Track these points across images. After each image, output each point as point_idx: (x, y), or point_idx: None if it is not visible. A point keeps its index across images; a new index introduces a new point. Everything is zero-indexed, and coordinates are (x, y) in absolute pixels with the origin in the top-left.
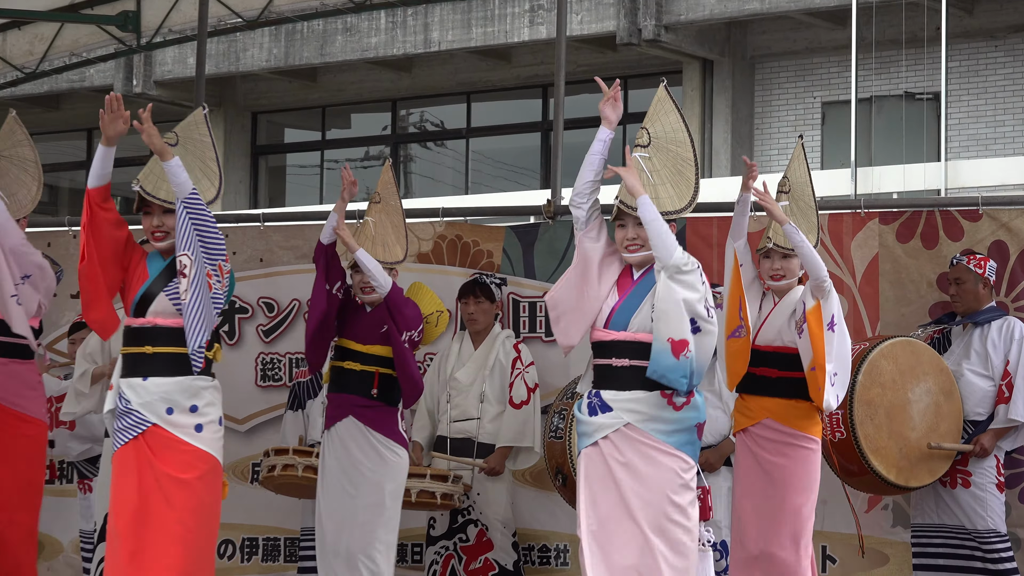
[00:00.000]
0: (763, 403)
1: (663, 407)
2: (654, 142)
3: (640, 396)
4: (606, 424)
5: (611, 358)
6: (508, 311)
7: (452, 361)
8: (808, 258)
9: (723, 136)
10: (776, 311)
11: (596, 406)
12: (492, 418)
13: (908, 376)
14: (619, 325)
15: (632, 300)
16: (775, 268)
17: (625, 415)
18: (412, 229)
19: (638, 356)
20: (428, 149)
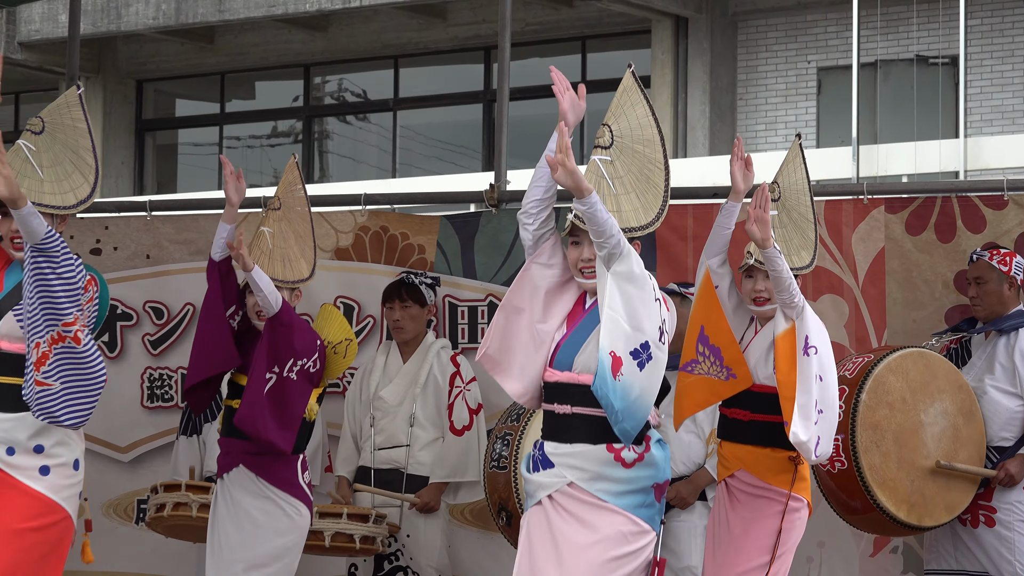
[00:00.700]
0: (736, 451)
1: (609, 464)
2: (617, 142)
3: (582, 450)
4: (547, 483)
5: (553, 403)
6: (443, 317)
7: (376, 377)
8: (782, 283)
9: (700, 108)
10: (755, 342)
11: (538, 461)
12: (424, 445)
13: (921, 394)
14: (563, 364)
15: (579, 334)
16: (758, 290)
17: (568, 472)
18: (329, 219)
19: (583, 402)
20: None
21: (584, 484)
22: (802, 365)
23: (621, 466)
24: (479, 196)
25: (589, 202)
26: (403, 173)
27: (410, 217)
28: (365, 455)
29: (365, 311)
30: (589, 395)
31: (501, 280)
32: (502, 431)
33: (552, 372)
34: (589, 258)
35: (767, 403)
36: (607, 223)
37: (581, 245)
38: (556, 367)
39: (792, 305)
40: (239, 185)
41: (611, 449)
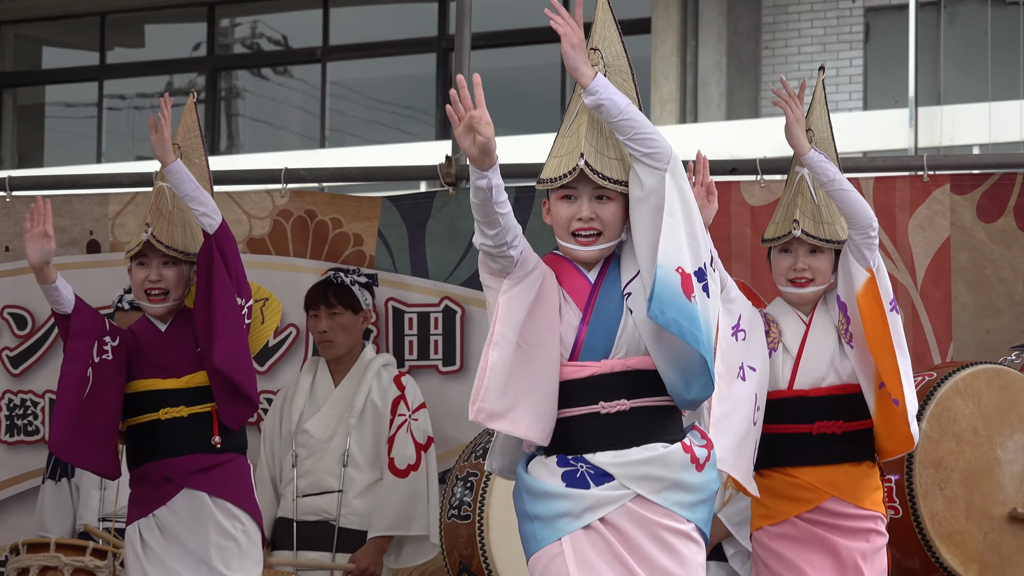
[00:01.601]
0: (825, 475)
1: (686, 467)
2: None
3: (660, 453)
4: (606, 499)
5: (595, 402)
6: (386, 326)
7: (300, 404)
8: (854, 203)
9: (714, 60)
10: (813, 336)
11: (586, 475)
12: (362, 491)
13: (997, 424)
14: (597, 350)
15: (606, 311)
16: (799, 268)
17: (636, 484)
18: (239, 201)
19: (642, 391)
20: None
21: (656, 497)
22: (894, 324)
23: (695, 468)
24: (432, 172)
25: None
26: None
27: (344, 199)
28: (286, 503)
29: (286, 319)
30: (647, 382)
31: (460, 279)
32: (464, 471)
33: (581, 366)
34: (590, 216)
35: (854, 406)
36: (629, 109)
37: (578, 201)
38: (585, 358)
39: (872, 241)
40: (44, 244)
41: (687, 448)
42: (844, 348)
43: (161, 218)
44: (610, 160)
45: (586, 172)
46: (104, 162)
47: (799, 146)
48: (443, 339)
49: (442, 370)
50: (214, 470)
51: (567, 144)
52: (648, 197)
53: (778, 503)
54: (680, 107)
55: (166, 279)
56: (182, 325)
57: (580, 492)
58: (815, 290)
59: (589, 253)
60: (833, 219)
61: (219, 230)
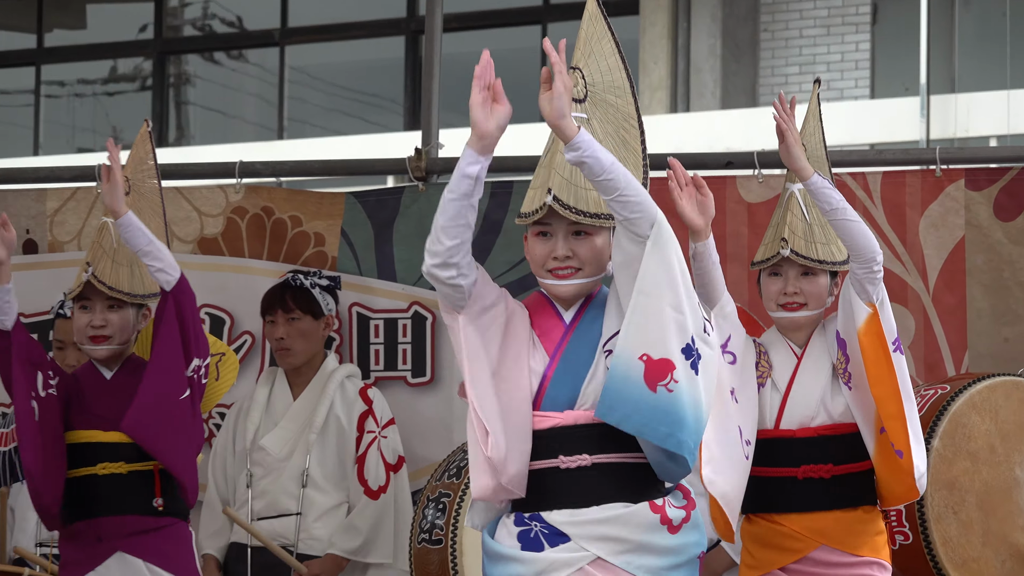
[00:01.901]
0: (812, 522)
1: (655, 529)
2: (592, 93)
3: (620, 513)
4: (561, 562)
5: (554, 456)
6: (349, 334)
7: (256, 419)
8: (858, 234)
9: (708, 44)
10: (804, 369)
11: (540, 535)
12: (322, 514)
13: (1016, 441)
14: (560, 401)
15: (575, 357)
16: (789, 292)
17: (594, 546)
18: (190, 198)
19: (606, 447)
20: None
21: (618, 560)
22: (898, 365)
23: (667, 530)
24: (400, 166)
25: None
26: (294, 134)
27: (304, 195)
28: (240, 528)
29: (240, 326)
30: (614, 436)
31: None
32: (436, 492)
33: (544, 416)
34: (565, 254)
35: (848, 447)
36: (614, 168)
37: (553, 238)
38: (547, 408)
39: (876, 276)
40: (5, 234)
41: (656, 508)
42: (838, 385)
43: (104, 256)
44: (587, 191)
45: (556, 208)
46: (42, 154)
47: (801, 169)
48: (412, 348)
49: (411, 382)
50: (153, 534)
51: (541, 175)
52: (629, 264)
53: (764, 552)
54: (671, 95)
55: (111, 324)
56: (129, 373)
57: (532, 555)
58: (808, 315)
59: (567, 288)
60: (828, 239)
61: (177, 286)
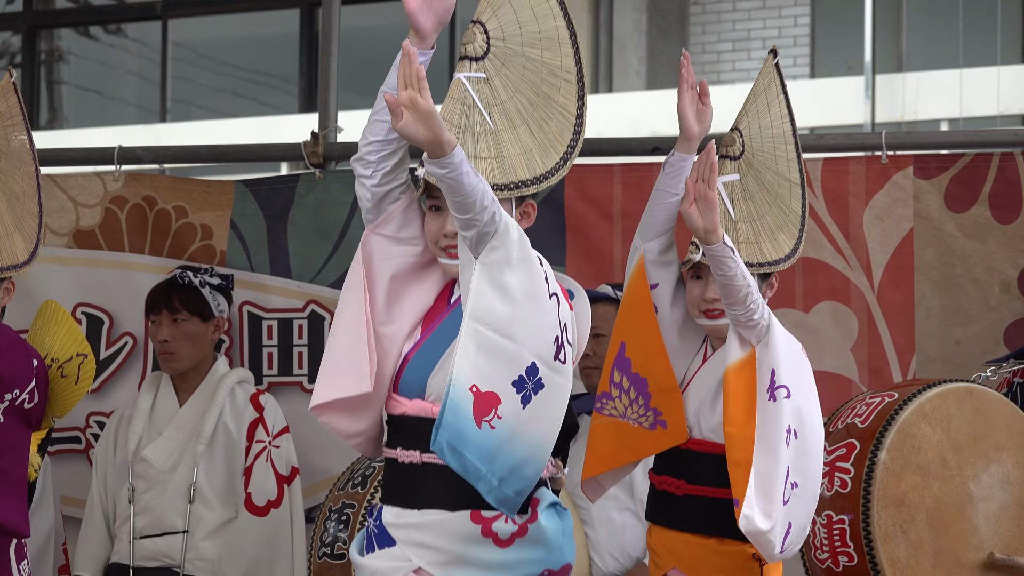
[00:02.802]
0: (667, 540)
1: (475, 541)
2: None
3: (435, 519)
4: (384, 570)
5: (396, 447)
6: (240, 336)
7: (139, 428)
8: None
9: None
10: (700, 375)
11: (372, 536)
12: (211, 532)
13: (969, 454)
14: (411, 388)
15: (435, 343)
16: (709, 299)
17: (414, 553)
18: (64, 186)
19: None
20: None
21: (438, 571)
22: (766, 414)
23: (492, 543)
24: (295, 151)
25: (450, 162)
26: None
27: (189, 183)
28: (121, 546)
29: (120, 327)
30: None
31: (329, 279)
32: (339, 502)
33: (397, 401)
34: (453, 231)
35: (712, 469)
36: (475, 191)
37: (444, 212)
38: (402, 392)
39: (751, 324)
40: None
41: (478, 518)
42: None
43: None
44: (478, 160)
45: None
46: None
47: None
48: (309, 351)
49: (308, 387)
50: None
51: None
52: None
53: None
54: (592, 74)
55: None
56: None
57: (360, 561)
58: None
59: (456, 268)
60: (757, 236)
61: None
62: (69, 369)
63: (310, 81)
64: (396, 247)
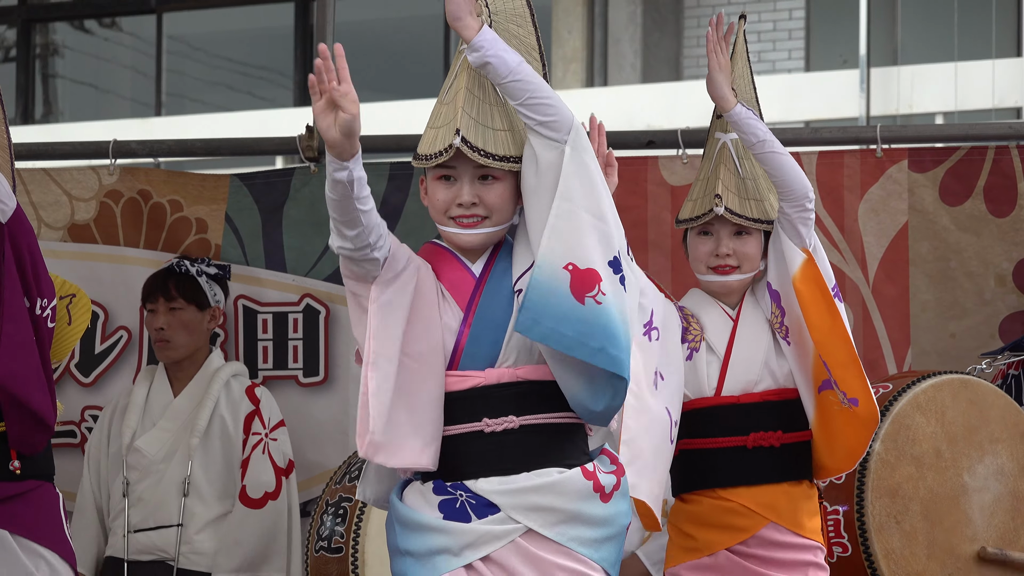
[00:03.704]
0: (764, 496)
1: (588, 497)
2: (496, 22)
3: (553, 480)
4: (491, 535)
5: (478, 419)
6: (235, 329)
7: (133, 419)
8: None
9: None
10: (742, 333)
11: (467, 505)
12: (206, 525)
13: (964, 445)
14: (480, 359)
15: (489, 311)
16: (722, 254)
17: (526, 517)
18: (59, 180)
19: (535, 407)
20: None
21: (551, 532)
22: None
23: (599, 498)
24: (290, 145)
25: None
26: (173, 110)
27: (185, 177)
28: (115, 540)
29: (115, 320)
30: (542, 395)
31: (324, 273)
32: (335, 496)
33: (463, 376)
34: (472, 201)
35: (792, 413)
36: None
37: (458, 183)
38: (467, 366)
39: (809, 215)
40: None
41: (587, 474)
42: (780, 345)
43: None
44: (495, 132)
45: (463, 151)
46: None
47: (723, 99)
48: (304, 344)
49: (303, 381)
50: (13, 502)
51: (444, 114)
52: (544, 174)
53: (707, 533)
54: (587, 68)
55: None
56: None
57: (459, 526)
58: (741, 278)
59: (472, 238)
60: (762, 194)
61: (12, 218)
62: (60, 313)
63: (305, 75)
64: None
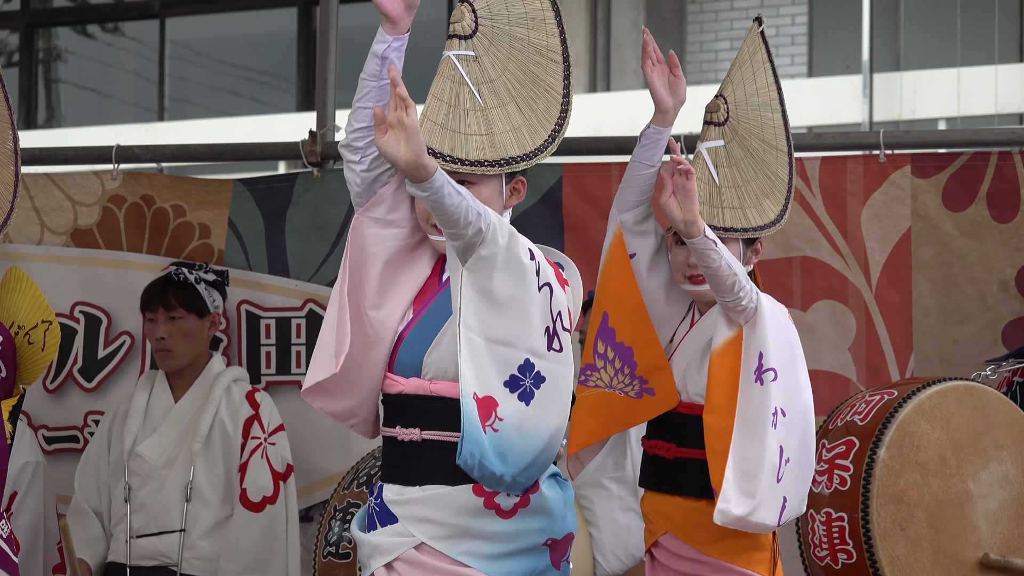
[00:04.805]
0: (659, 504)
1: (479, 513)
2: (485, 27)
3: (437, 494)
4: (387, 546)
5: (395, 425)
6: (238, 335)
7: (135, 425)
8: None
9: (630, 18)
10: (688, 340)
11: (374, 514)
12: (209, 530)
13: (968, 452)
14: (407, 366)
15: (429, 320)
16: (694, 264)
17: (417, 528)
18: (62, 185)
19: (437, 423)
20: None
21: (440, 545)
22: (751, 397)
23: (495, 515)
24: (293, 150)
25: (431, 186)
26: (176, 115)
27: (187, 182)
28: (118, 545)
29: (118, 326)
30: (446, 413)
31: (327, 278)
32: (344, 501)
33: (393, 380)
34: None
35: (701, 431)
36: (458, 209)
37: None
38: (398, 371)
39: (739, 309)
40: None
41: (480, 491)
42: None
43: None
44: (467, 137)
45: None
46: None
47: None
48: (307, 350)
49: None
50: None
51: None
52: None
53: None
54: (589, 73)
55: None
56: None
57: (362, 537)
58: None
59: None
60: (742, 202)
61: None
62: (36, 336)
63: (308, 80)
64: (387, 230)
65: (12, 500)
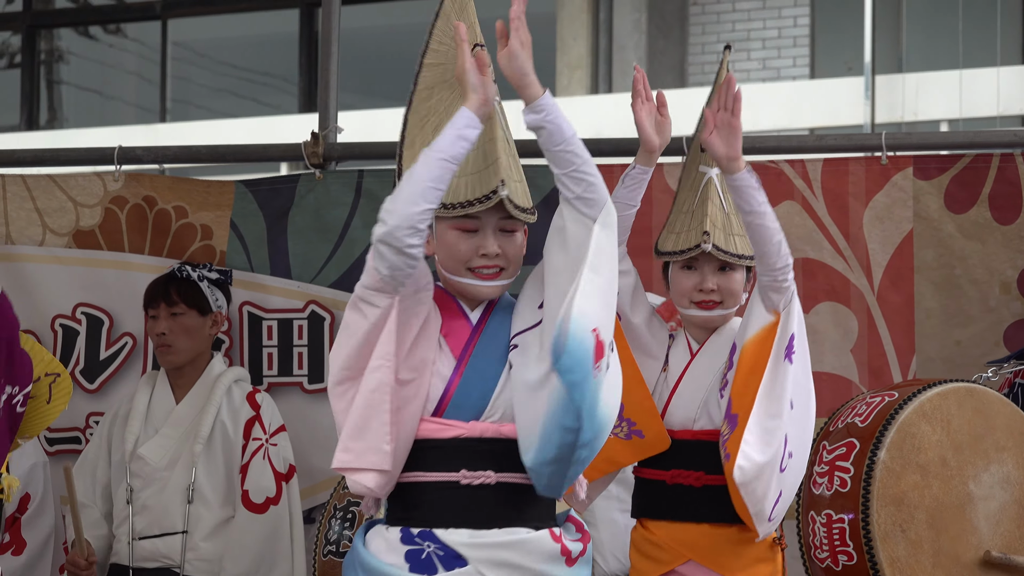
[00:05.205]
0: (682, 533)
1: (554, 559)
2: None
3: (523, 538)
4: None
5: (456, 470)
6: (240, 336)
7: (136, 426)
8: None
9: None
10: (695, 367)
11: (434, 557)
12: (211, 532)
13: (969, 453)
14: (466, 410)
15: (484, 363)
16: (707, 290)
17: (493, 572)
18: (64, 186)
19: (514, 465)
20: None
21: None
22: (777, 372)
23: (564, 562)
24: (295, 151)
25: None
26: (178, 116)
27: (190, 183)
28: (120, 547)
29: (120, 327)
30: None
31: (329, 279)
32: (343, 500)
33: (444, 424)
34: (495, 251)
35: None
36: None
37: (481, 233)
38: (452, 415)
39: (783, 284)
40: None
41: (555, 537)
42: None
43: None
44: (517, 184)
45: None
46: None
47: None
48: (309, 351)
49: (308, 388)
50: None
51: (472, 160)
52: (569, 245)
53: (640, 560)
54: (591, 75)
55: None
56: None
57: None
58: (724, 313)
59: (491, 290)
60: (742, 229)
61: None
62: (37, 390)
63: (310, 81)
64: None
65: (27, 502)
